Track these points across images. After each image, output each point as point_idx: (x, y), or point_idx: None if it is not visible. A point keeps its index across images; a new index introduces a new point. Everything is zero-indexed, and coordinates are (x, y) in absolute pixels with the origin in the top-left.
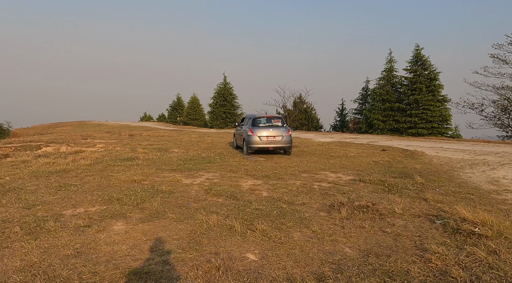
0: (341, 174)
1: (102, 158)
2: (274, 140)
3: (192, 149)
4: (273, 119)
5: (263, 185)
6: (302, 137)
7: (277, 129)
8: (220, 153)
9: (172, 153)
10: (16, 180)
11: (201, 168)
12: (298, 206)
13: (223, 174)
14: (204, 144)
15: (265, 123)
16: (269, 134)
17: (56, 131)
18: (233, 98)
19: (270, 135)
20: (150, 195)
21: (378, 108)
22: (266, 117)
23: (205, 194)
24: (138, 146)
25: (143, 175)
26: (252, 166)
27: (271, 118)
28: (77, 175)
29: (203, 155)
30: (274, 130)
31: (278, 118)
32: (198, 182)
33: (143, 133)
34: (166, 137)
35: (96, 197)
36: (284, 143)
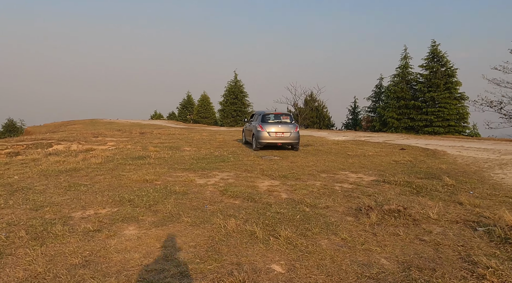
0: (362, 174)
1: (113, 156)
2: (283, 136)
3: (204, 147)
4: (281, 116)
5: (281, 185)
6: (315, 135)
7: (285, 125)
8: (233, 151)
9: (184, 151)
10: (25, 179)
11: (215, 167)
12: (321, 209)
13: (238, 174)
14: (216, 142)
15: (274, 119)
16: (278, 130)
17: (68, 129)
18: (243, 96)
19: (279, 131)
20: (163, 196)
21: (392, 106)
22: (275, 114)
23: (221, 195)
24: (149, 144)
25: (155, 175)
26: (268, 165)
27: (280, 115)
28: (87, 174)
29: (216, 153)
30: (283, 127)
31: (286, 115)
32: (212, 182)
33: (153, 131)
34: (177, 136)
35: (106, 198)
36: (292, 139)
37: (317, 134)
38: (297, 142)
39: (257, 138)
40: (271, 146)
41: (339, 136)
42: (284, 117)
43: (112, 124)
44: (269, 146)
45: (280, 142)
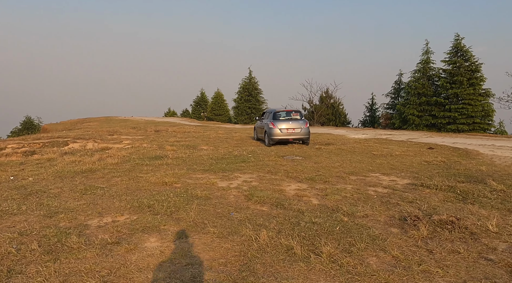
0: (394, 177)
1: (130, 156)
2: (294, 132)
3: (222, 146)
4: (292, 113)
5: (309, 189)
6: (334, 133)
7: (296, 122)
8: (252, 151)
9: (201, 150)
10: (39, 181)
11: (236, 168)
12: (360, 218)
13: (261, 176)
14: (233, 140)
15: (285, 116)
16: (289, 127)
17: (84, 127)
18: (258, 93)
19: (290, 127)
20: (184, 201)
21: (413, 102)
22: (286, 111)
23: (246, 201)
24: (165, 142)
25: (174, 176)
26: (291, 166)
27: (290, 112)
28: (103, 175)
29: (235, 153)
30: (294, 123)
31: (297, 112)
32: (235, 185)
33: (168, 129)
34: (192, 134)
35: (124, 202)
36: (303, 134)
37: (335, 132)
38: (307, 137)
39: (270, 135)
40: (286, 143)
41: (358, 134)
42: (294, 114)
43: (126, 121)
44: (282, 142)
45: (291, 137)
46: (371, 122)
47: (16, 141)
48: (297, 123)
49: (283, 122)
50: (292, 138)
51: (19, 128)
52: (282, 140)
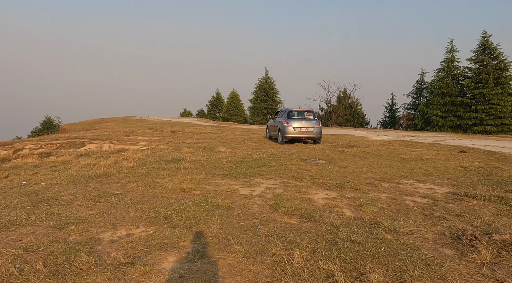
0: (430, 184)
1: (146, 158)
2: (306, 131)
3: (240, 148)
4: (305, 113)
5: (340, 198)
6: (355, 135)
7: (309, 121)
8: (273, 153)
9: (219, 152)
10: (52, 186)
11: (257, 173)
12: (405, 236)
13: (286, 182)
14: (251, 142)
15: (298, 116)
16: (302, 126)
17: (101, 127)
18: (274, 93)
19: (303, 126)
20: (204, 211)
21: (436, 103)
22: (299, 110)
23: (272, 211)
24: (182, 144)
25: (193, 182)
26: (316, 171)
27: (304, 112)
28: (118, 180)
29: (254, 155)
30: (306, 122)
31: (310, 112)
32: (258, 192)
33: (184, 129)
34: (209, 135)
35: (140, 212)
36: (315, 133)
37: (355, 133)
38: (319, 136)
39: (283, 132)
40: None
41: (380, 136)
42: (307, 114)
43: (143, 122)
44: (294, 140)
45: (304, 136)
46: (391, 123)
47: (34, 141)
48: (310, 123)
49: (296, 121)
50: (305, 137)
51: (39, 128)
52: (294, 138)
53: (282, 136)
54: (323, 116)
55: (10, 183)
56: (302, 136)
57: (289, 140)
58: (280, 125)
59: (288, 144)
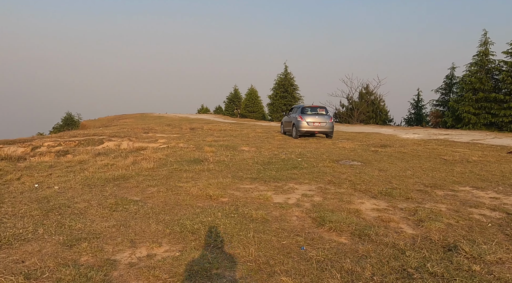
0: (492, 192)
1: (166, 158)
2: (319, 126)
3: (264, 147)
4: (318, 109)
5: (391, 210)
6: (383, 133)
7: (321, 116)
8: (301, 153)
9: (243, 152)
10: (65, 190)
11: (289, 177)
12: (495, 265)
13: (323, 188)
14: (274, 140)
15: (311, 112)
16: (315, 121)
17: (120, 123)
18: (294, 89)
19: (316, 121)
20: (237, 224)
21: (468, 99)
22: (312, 106)
23: (316, 226)
24: (203, 142)
25: (219, 187)
26: (353, 175)
27: (317, 108)
28: (137, 184)
29: (282, 156)
30: (319, 118)
31: (322, 108)
32: (293, 200)
33: (204, 126)
34: (229, 132)
35: (162, 225)
36: (327, 128)
37: (382, 131)
38: (331, 131)
39: (297, 127)
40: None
41: (409, 134)
42: (320, 110)
43: (161, 118)
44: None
45: (316, 130)
46: (417, 121)
47: (53, 138)
48: (323, 118)
49: (310, 116)
50: (318, 131)
51: (60, 124)
52: (308, 132)
53: (296, 130)
54: (344, 113)
55: (22, 186)
56: (315, 130)
57: (303, 134)
58: (294, 121)
59: (315, 143)
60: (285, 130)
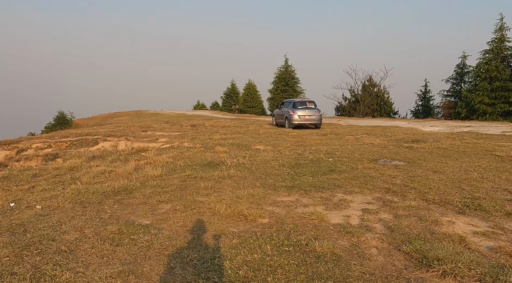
0: None
1: (174, 162)
2: (309, 118)
3: (281, 145)
4: (307, 103)
5: (501, 233)
6: (401, 126)
7: (311, 110)
8: (329, 152)
9: (259, 151)
10: (50, 211)
11: (331, 183)
12: None
13: (384, 199)
14: (288, 137)
15: (302, 106)
16: (305, 114)
17: (114, 121)
18: (295, 82)
19: (306, 114)
20: (299, 267)
21: (483, 88)
22: (302, 101)
23: (416, 267)
24: (210, 140)
25: (252, 201)
26: (408, 178)
27: (306, 102)
28: (145, 199)
29: (308, 155)
30: (309, 111)
31: (311, 102)
32: (356, 219)
33: (205, 123)
34: (234, 129)
35: (191, 273)
36: (316, 120)
37: (396, 124)
38: (319, 122)
39: (290, 120)
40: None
41: (426, 127)
42: (309, 104)
43: (157, 115)
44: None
45: (307, 122)
46: (425, 112)
47: (42, 139)
48: (312, 111)
49: (300, 110)
50: (308, 123)
51: (52, 124)
52: (299, 124)
53: (289, 123)
54: (347, 106)
55: None
56: (305, 122)
57: (295, 126)
58: (287, 114)
59: (337, 139)
60: (277, 122)
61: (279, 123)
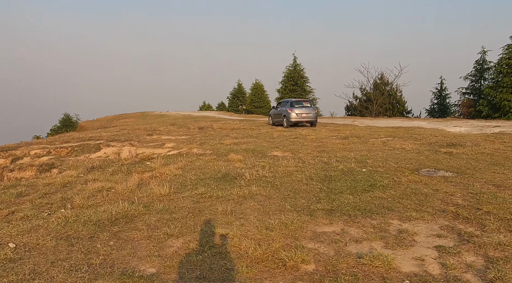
0: None
1: (183, 174)
2: (306, 116)
3: (301, 151)
4: (303, 102)
5: None
6: (423, 126)
7: (307, 108)
8: (358, 159)
9: (278, 159)
10: (25, 254)
11: (379, 205)
12: None
13: (458, 231)
14: (306, 141)
15: (299, 105)
16: (302, 112)
17: (120, 124)
18: (304, 81)
19: (303, 113)
20: None
21: (507, 85)
22: (299, 100)
23: None
24: (221, 145)
25: (286, 233)
26: (470, 196)
27: (303, 101)
28: (149, 232)
29: (338, 165)
30: (306, 110)
31: (307, 101)
32: (435, 267)
33: (213, 125)
34: (245, 131)
35: None
36: (312, 118)
37: (416, 124)
38: (315, 120)
39: (288, 118)
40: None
41: (449, 127)
42: (305, 103)
43: (163, 117)
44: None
45: (304, 120)
46: (441, 111)
47: (42, 145)
48: (308, 110)
49: (298, 108)
50: (305, 121)
51: (58, 126)
52: (297, 122)
53: (287, 121)
54: (359, 106)
55: None
56: (303, 120)
57: (293, 124)
58: (285, 113)
59: (360, 143)
60: (274, 121)
61: (276, 122)
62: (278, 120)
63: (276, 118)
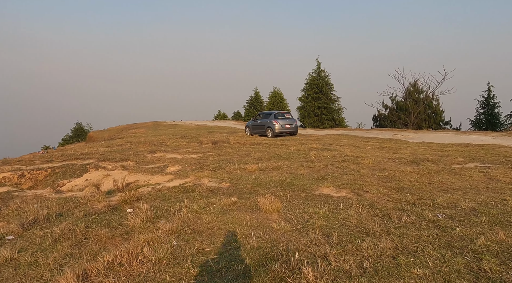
0: None
1: (181, 253)
2: (289, 127)
3: (364, 185)
4: (285, 114)
5: None
6: (490, 142)
7: (289, 120)
8: (478, 209)
9: (333, 203)
10: None
11: None
12: None
13: None
14: (362, 167)
15: (282, 116)
16: (286, 123)
17: (128, 135)
18: (329, 89)
19: (287, 124)
20: None
21: None
22: (281, 112)
23: None
24: (242, 173)
25: None
26: None
27: (285, 113)
28: None
29: (460, 230)
30: (288, 121)
31: (289, 114)
32: None
33: (229, 138)
34: (269, 148)
35: None
36: (294, 128)
37: (479, 139)
38: (296, 130)
39: (273, 129)
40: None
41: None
42: (287, 115)
43: (175, 127)
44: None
45: (287, 131)
46: (488, 122)
47: (18, 166)
48: (290, 121)
49: (281, 120)
50: (288, 132)
51: (70, 135)
52: (281, 133)
53: (272, 131)
54: (390, 115)
55: None
56: (286, 131)
57: (277, 135)
58: (270, 124)
59: (448, 174)
60: (252, 133)
61: (256, 133)
62: (259, 131)
63: (256, 129)
